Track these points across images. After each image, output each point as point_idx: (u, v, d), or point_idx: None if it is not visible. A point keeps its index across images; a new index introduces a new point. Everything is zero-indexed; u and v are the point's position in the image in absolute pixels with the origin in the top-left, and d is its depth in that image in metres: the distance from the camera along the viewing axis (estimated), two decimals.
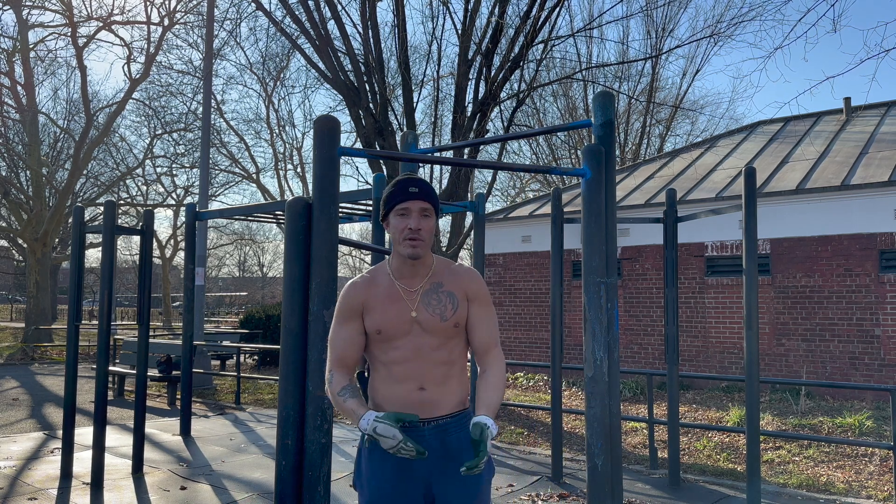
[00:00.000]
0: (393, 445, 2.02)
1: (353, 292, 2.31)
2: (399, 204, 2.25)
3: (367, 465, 2.29)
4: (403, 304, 2.27)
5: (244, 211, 8.02)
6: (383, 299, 2.28)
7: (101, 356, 5.92)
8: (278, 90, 35.49)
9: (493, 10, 11.88)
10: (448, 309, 2.28)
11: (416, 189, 2.24)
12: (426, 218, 2.25)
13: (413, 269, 2.30)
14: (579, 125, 3.59)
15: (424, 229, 2.24)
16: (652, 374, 6.75)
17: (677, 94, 27.76)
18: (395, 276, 2.32)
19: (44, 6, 21.91)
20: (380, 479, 2.25)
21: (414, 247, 2.23)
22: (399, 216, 2.25)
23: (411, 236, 2.22)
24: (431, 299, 2.28)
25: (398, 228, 2.24)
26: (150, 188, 32.96)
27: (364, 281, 2.33)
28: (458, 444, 2.28)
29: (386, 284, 2.31)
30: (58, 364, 16.91)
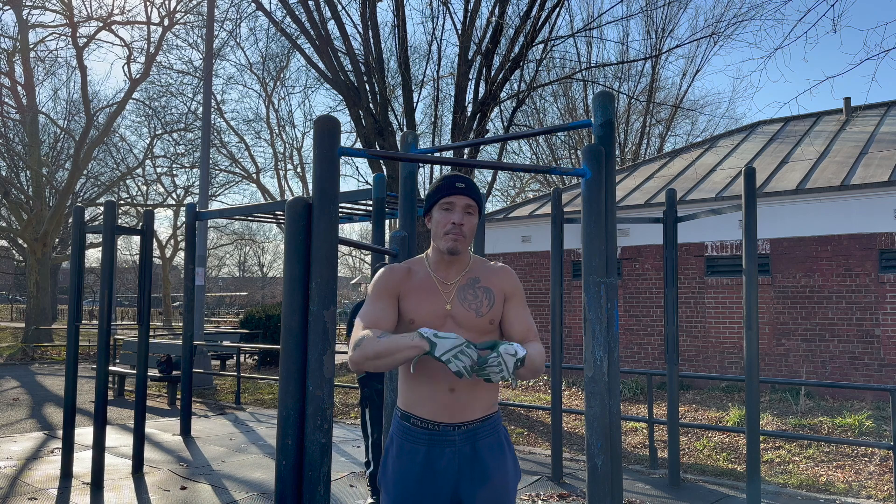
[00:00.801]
0: (456, 344, 1.93)
1: (390, 275, 2.28)
2: (444, 198, 2.24)
3: (394, 465, 2.25)
4: (439, 296, 2.25)
5: (244, 211, 8.03)
6: (419, 289, 2.26)
7: (101, 356, 5.92)
8: (278, 90, 35.50)
9: (493, 10, 11.88)
10: (484, 304, 2.26)
11: (463, 185, 2.24)
12: (469, 215, 2.25)
13: (450, 264, 2.28)
14: (579, 125, 3.59)
15: (467, 225, 2.23)
16: (652, 374, 6.75)
17: (677, 94, 27.79)
18: (431, 269, 2.30)
19: (44, 6, 21.92)
20: (406, 480, 2.22)
21: (455, 241, 2.21)
22: (443, 210, 2.24)
23: (453, 231, 2.21)
24: (467, 294, 2.26)
25: (441, 222, 2.23)
26: (150, 188, 33.01)
27: (401, 268, 2.31)
28: (489, 449, 2.24)
29: (423, 276, 2.29)
30: (58, 364, 16.91)
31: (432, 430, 2.21)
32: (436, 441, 2.21)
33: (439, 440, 2.20)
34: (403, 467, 2.23)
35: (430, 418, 2.22)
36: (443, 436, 2.21)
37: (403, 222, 4.63)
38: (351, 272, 54.07)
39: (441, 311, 2.23)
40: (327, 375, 2.41)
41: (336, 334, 2.66)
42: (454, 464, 2.20)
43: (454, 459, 2.20)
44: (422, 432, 2.23)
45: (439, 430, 2.21)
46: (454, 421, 2.20)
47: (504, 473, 2.26)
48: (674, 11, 23.71)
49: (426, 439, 2.22)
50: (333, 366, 2.45)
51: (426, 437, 2.22)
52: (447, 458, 2.20)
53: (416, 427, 2.24)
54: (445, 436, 2.21)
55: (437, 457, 2.21)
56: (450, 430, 2.21)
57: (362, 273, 51.53)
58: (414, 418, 2.25)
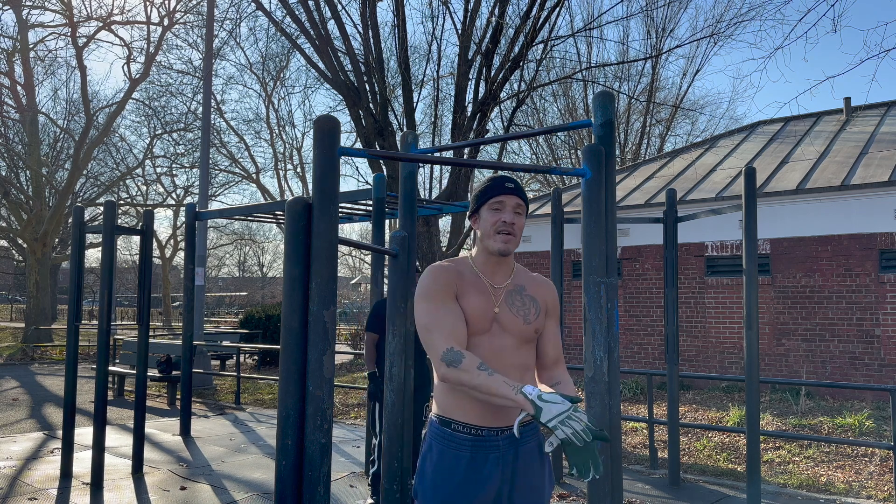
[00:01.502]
0: (562, 410, 1.82)
1: (446, 273, 2.20)
2: (494, 197, 2.20)
3: (435, 472, 2.18)
4: (489, 297, 2.20)
5: (244, 211, 8.02)
6: (471, 290, 2.20)
7: (101, 356, 5.92)
8: (278, 90, 35.52)
9: (493, 10, 11.88)
10: (531, 312, 2.23)
11: (512, 185, 2.20)
12: (518, 215, 2.21)
13: (497, 266, 2.24)
14: (579, 125, 3.59)
15: (517, 225, 2.20)
16: (652, 374, 6.75)
17: (677, 94, 27.79)
18: (478, 270, 2.25)
19: (44, 6, 21.92)
20: (449, 487, 2.14)
21: (506, 242, 2.17)
22: (493, 210, 2.20)
23: (505, 230, 2.18)
24: (515, 300, 2.22)
25: (490, 222, 2.19)
26: (150, 188, 33.02)
27: (452, 267, 2.24)
28: (531, 454, 2.20)
29: (470, 276, 2.23)
30: (58, 364, 16.90)
31: (476, 436, 2.15)
32: (480, 447, 2.15)
33: (483, 445, 2.15)
34: (446, 474, 2.15)
35: (474, 423, 2.15)
36: (486, 441, 2.15)
37: (403, 222, 4.63)
38: (351, 272, 54.08)
39: (490, 314, 2.18)
40: (327, 375, 2.41)
41: (336, 334, 2.65)
42: (498, 469, 2.15)
43: (498, 465, 2.15)
44: (464, 438, 2.15)
45: (483, 436, 2.14)
46: (498, 425, 2.15)
47: (543, 478, 2.24)
48: (674, 11, 23.72)
49: (469, 445, 2.15)
50: (333, 366, 2.45)
51: (469, 443, 2.15)
52: (491, 464, 2.15)
53: (458, 433, 2.16)
54: (489, 441, 2.15)
55: (481, 463, 2.15)
56: (493, 435, 2.15)
57: (362, 273, 51.53)
58: (455, 423, 2.17)
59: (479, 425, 2.15)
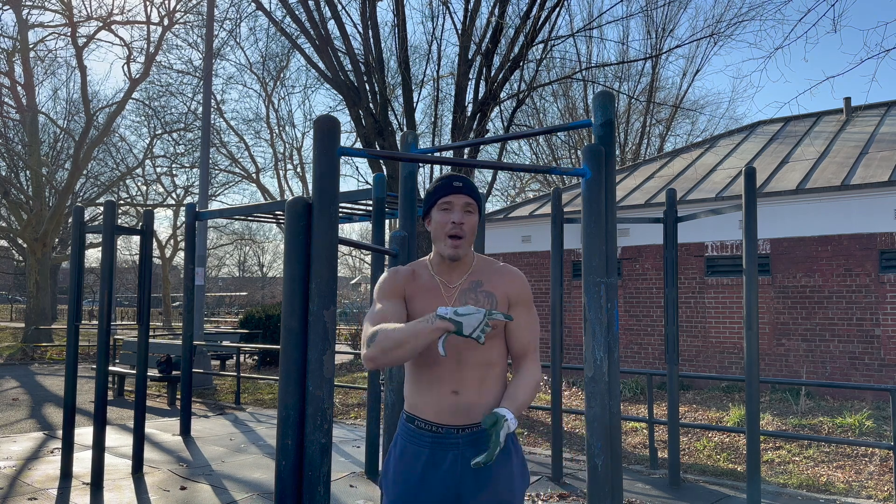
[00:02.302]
0: (480, 319, 1.87)
1: (396, 277, 2.26)
2: (442, 198, 2.19)
3: (396, 467, 2.24)
4: (441, 299, 2.21)
5: (244, 211, 8.02)
6: (422, 292, 2.23)
7: (101, 356, 5.92)
8: (278, 90, 35.52)
9: (493, 10, 11.88)
10: (487, 307, 2.20)
11: (460, 184, 2.20)
12: (469, 214, 2.20)
13: (451, 266, 2.25)
14: (579, 125, 3.59)
15: (467, 224, 2.18)
16: (652, 374, 6.75)
17: (677, 94, 27.79)
18: (434, 271, 2.27)
19: (44, 6, 21.92)
20: (408, 482, 2.19)
21: (455, 247, 2.17)
22: (442, 210, 2.19)
23: (454, 232, 2.16)
24: (468, 298, 2.21)
25: (440, 223, 2.18)
26: (150, 188, 33.03)
27: (405, 271, 2.28)
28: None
29: (426, 278, 2.26)
30: (58, 364, 16.90)
31: (435, 433, 2.19)
32: (439, 443, 2.19)
33: (442, 443, 2.18)
34: (406, 469, 2.21)
35: (434, 420, 2.19)
36: (446, 438, 2.18)
37: (403, 222, 4.63)
38: (351, 272, 54.10)
39: None
40: (327, 375, 2.41)
41: (336, 334, 2.65)
42: (457, 467, 2.17)
43: (457, 462, 2.17)
44: (425, 434, 2.21)
45: (442, 433, 2.18)
46: (458, 423, 2.17)
47: (509, 478, 2.22)
48: (674, 11, 23.74)
49: (429, 441, 2.20)
50: (333, 366, 2.45)
51: (429, 440, 2.20)
52: (450, 461, 2.18)
53: (419, 429, 2.22)
54: (448, 438, 2.18)
55: (440, 460, 2.18)
56: (453, 433, 2.18)
57: (362, 273, 51.54)
58: (418, 420, 2.22)
59: (438, 423, 2.19)
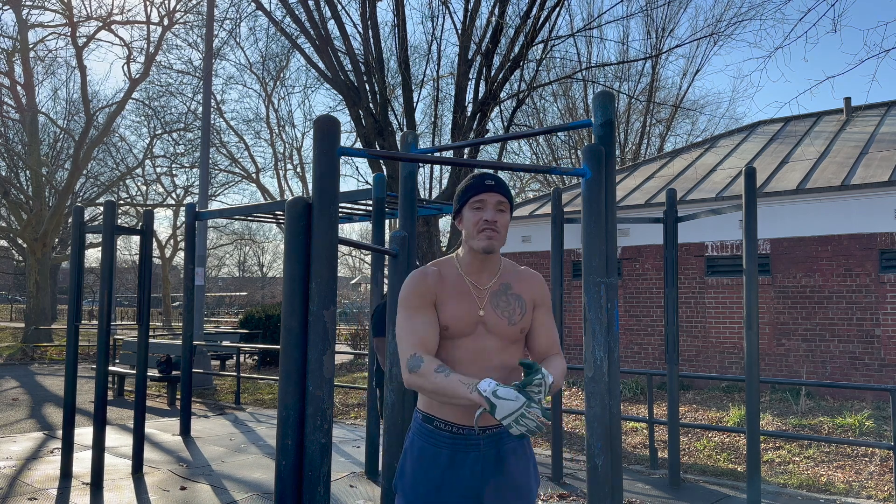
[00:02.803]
0: (516, 408, 1.81)
1: (425, 281, 2.19)
2: (475, 196, 2.17)
3: (414, 468, 2.18)
4: (472, 300, 2.18)
5: (244, 211, 8.02)
6: (452, 293, 2.18)
7: (101, 356, 5.92)
8: (278, 90, 35.54)
9: (493, 9, 11.88)
10: (517, 313, 2.20)
11: (493, 182, 2.17)
12: (501, 213, 2.17)
13: (482, 265, 2.21)
14: (579, 125, 3.59)
15: (500, 222, 2.16)
16: (652, 374, 6.74)
17: (677, 94, 27.79)
18: (463, 271, 2.23)
19: (44, 6, 21.92)
20: (427, 484, 2.15)
21: (489, 238, 2.14)
22: (474, 209, 2.17)
23: (486, 227, 2.14)
24: (500, 300, 2.20)
25: (472, 221, 2.16)
26: (150, 188, 33.03)
27: (434, 272, 2.22)
28: (513, 454, 2.20)
29: (454, 278, 2.21)
30: (58, 364, 16.90)
31: (456, 434, 2.15)
32: (460, 445, 2.15)
33: (463, 444, 2.15)
34: (426, 470, 2.16)
35: (455, 421, 2.15)
36: (467, 440, 2.14)
37: (403, 222, 4.63)
38: (351, 272, 54.08)
39: (474, 318, 2.17)
40: (327, 375, 2.41)
41: (336, 334, 2.65)
42: (478, 467, 2.15)
43: (478, 463, 2.15)
44: (445, 435, 2.16)
45: (464, 434, 2.15)
46: (480, 424, 2.14)
47: (528, 479, 2.21)
48: (674, 11, 23.74)
49: (450, 442, 2.15)
50: (333, 366, 2.45)
51: (450, 441, 2.15)
52: (471, 463, 2.15)
53: (439, 430, 2.17)
54: (470, 440, 2.14)
55: (460, 460, 2.15)
56: (474, 434, 2.14)
57: (362, 273, 51.52)
58: (437, 421, 2.17)
59: (460, 423, 2.15)
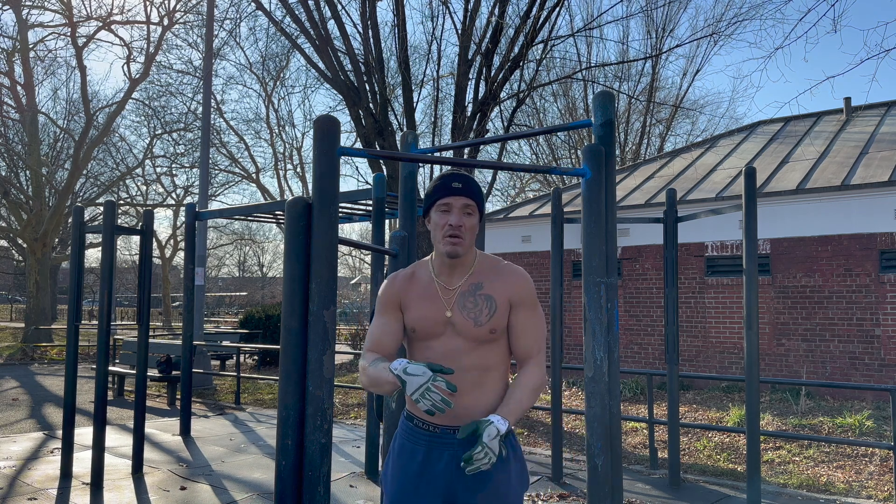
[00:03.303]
0: (422, 383, 1.86)
1: (391, 286, 2.26)
2: (440, 199, 2.16)
3: (394, 463, 2.27)
4: (439, 302, 2.19)
5: (244, 211, 8.02)
6: (420, 296, 2.21)
7: (101, 356, 5.92)
8: (278, 90, 35.54)
9: (493, 9, 11.88)
10: (483, 314, 2.16)
11: (460, 185, 2.15)
12: (468, 215, 2.16)
13: (452, 268, 2.21)
14: (579, 125, 3.59)
15: (466, 226, 2.14)
16: (652, 374, 6.74)
17: (677, 94, 27.79)
18: (434, 272, 2.24)
19: (43, 6, 21.92)
20: (405, 479, 2.22)
21: (454, 244, 2.13)
22: (440, 212, 2.16)
23: (451, 233, 2.13)
24: (467, 301, 2.18)
25: (438, 225, 2.16)
26: (150, 188, 33.04)
27: (404, 276, 2.27)
28: None
29: (425, 281, 2.24)
30: (58, 364, 16.90)
31: (432, 432, 2.21)
32: (435, 443, 2.20)
33: (439, 442, 2.20)
34: (403, 466, 2.23)
35: (431, 420, 2.21)
36: (442, 438, 2.19)
37: (403, 222, 4.63)
38: (351, 272, 54.09)
39: (441, 319, 2.18)
40: (327, 375, 2.41)
41: (336, 334, 2.65)
42: (452, 467, 2.18)
43: (452, 462, 2.18)
44: (422, 433, 2.22)
45: (439, 433, 2.20)
46: (454, 424, 2.18)
47: (506, 481, 2.20)
48: (674, 11, 23.74)
49: (426, 440, 2.21)
50: (333, 366, 2.45)
51: (426, 439, 2.21)
52: (445, 461, 2.18)
53: (417, 428, 2.24)
54: (444, 438, 2.19)
55: (436, 459, 2.19)
56: (449, 433, 2.19)
57: (362, 273, 51.52)
58: (416, 419, 2.24)
59: (435, 423, 2.20)
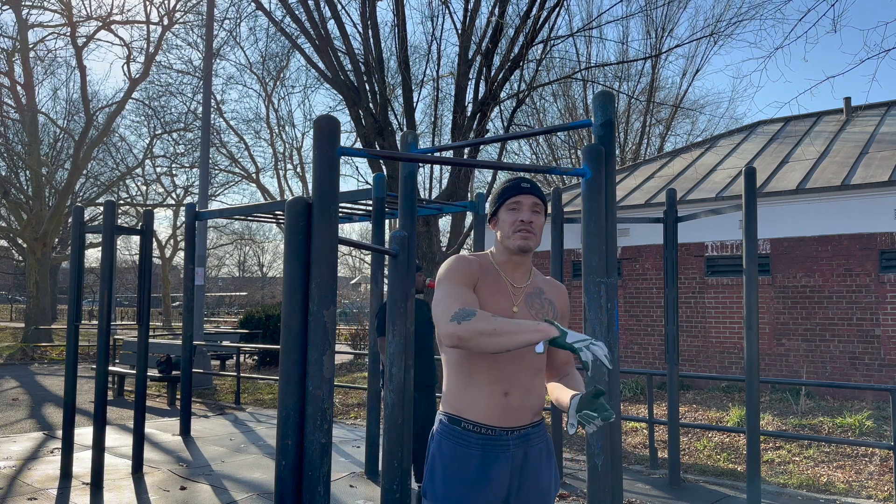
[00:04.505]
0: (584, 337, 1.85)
1: (468, 264, 2.21)
2: (512, 198, 2.23)
3: (446, 470, 2.17)
4: (508, 296, 2.22)
5: (244, 211, 8.02)
6: (490, 285, 2.22)
7: (101, 356, 5.92)
8: (278, 90, 35.54)
9: (493, 9, 11.87)
10: (549, 316, 2.25)
11: (528, 185, 2.24)
12: (536, 214, 2.23)
13: (517, 265, 2.26)
14: (579, 125, 3.59)
15: (535, 223, 2.21)
16: (652, 374, 6.74)
17: (677, 94, 27.79)
18: (499, 268, 2.27)
19: (43, 6, 21.90)
20: (460, 485, 2.14)
21: (525, 238, 2.19)
22: (510, 210, 2.23)
23: (523, 227, 2.19)
24: (534, 302, 2.24)
25: (508, 222, 2.21)
26: (149, 188, 33.01)
27: (476, 261, 2.25)
28: (539, 456, 2.22)
29: (492, 273, 2.26)
30: (58, 364, 16.90)
31: (486, 435, 2.15)
32: (489, 446, 2.15)
33: (493, 445, 2.15)
34: (457, 472, 2.15)
35: (485, 422, 2.16)
36: (497, 440, 2.15)
37: (403, 222, 4.63)
38: (351, 272, 54.08)
39: (509, 314, 2.19)
40: (327, 375, 2.41)
41: (336, 334, 2.65)
42: (507, 469, 2.16)
43: (507, 465, 2.16)
44: (474, 436, 2.16)
45: (494, 435, 2.15)
46: (508, 425, 2.16)
47: (551, 480, 2.24)
48: (673, 11, 23.76)
49: (479, 444, 2.15)
50: (333, 366, 2.45)
51: (479, 442, 2.16)
52: (501, 464, 2.15)
53: (467, 431, 2.17)
54: (499, 440, 2.15)
55: (490, 462, 2.15)
56: (504, 435, 2.16)
57: (362, 273, 51.52)
58: (465, 422, 2.17)
59: (489, 424, 2.15)
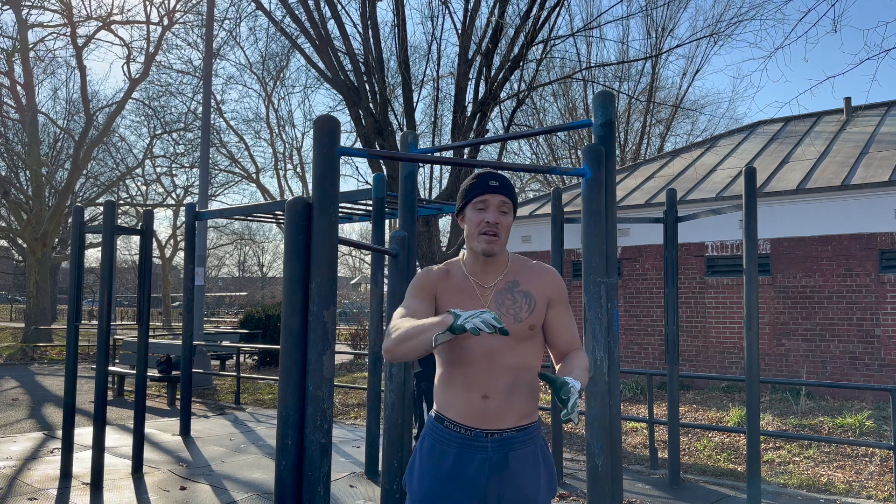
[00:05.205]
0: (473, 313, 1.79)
1: (428, 276, 2.23)
2: (477, 197, 2.16)
3: (423, 465, 2.20)
4: (476, 299, 2.18)
5: (244, 211, 8.02)
6: (455, 292, 2.19)
7: (101, 356, 5.92)
8: (278, 90, 35.55)
9: (493, 9, 11.88)
10: (523, 309, 2.16)
11: (497, 183, 2.16)
12: (504, 214, 2.17)
13: (486, 266, 2.21)
14: (579, 125, 3.59)
15: (502, 224, 2.15)
16: (652, 374, 6.74)
17: (677, 94, 27.79)
18: (468, 271, 2.23)
19: (43, 6, 21.90)
20: (433, 481, 2.17)
21: (489, 242, 2.13)
22: (476, 210, 2.17)
23: (487, 230, 2.14)
24: (506, 299, 2.17)
25: (474, 222, 2.16)
26: (149, 188, 33.02)
27: (439, 270, 2.25)
28: (522, 461, 2.17)
29: (460, 279, 2.22)
30: (58, 364, 16.90)
31: (464, 435, 2.16)
32: (466, 446, 2.16)
33: (470, 445, 2.15)
34: (432, 467, 2.18)
35: (463, 422, 2.16)
36: (474, 441, 2.15)
37: (403, 222, 4.63)
38: (351, 272, 54.09)
39: None
40: (327, 375, 2.41)
41: (336, 334, 2.65)
42: (483, 471, 2.15)
43: (483, 467, 2.15)
44: (454, 435, 2.18)
45: (471, 436, 2.15)
46: (487, 428, 2.15)
47: (535, 488, 2.19)
48: (674, 11, 23.75)
49: (457, 443, 2.17)
50: (333, 366, 2.45)
51: (457, 441, 2.17)
52: (476, 465, 2.15)
53: (448, 429, 2.18)
54: (477, 441, 2.15)
55: (466, 462, 2.16)
56: (482, 437, 2.15)
57: (362, 273, 51.53)
58: (447, 420, 2.19)
59: (468, 425, 2.16)
